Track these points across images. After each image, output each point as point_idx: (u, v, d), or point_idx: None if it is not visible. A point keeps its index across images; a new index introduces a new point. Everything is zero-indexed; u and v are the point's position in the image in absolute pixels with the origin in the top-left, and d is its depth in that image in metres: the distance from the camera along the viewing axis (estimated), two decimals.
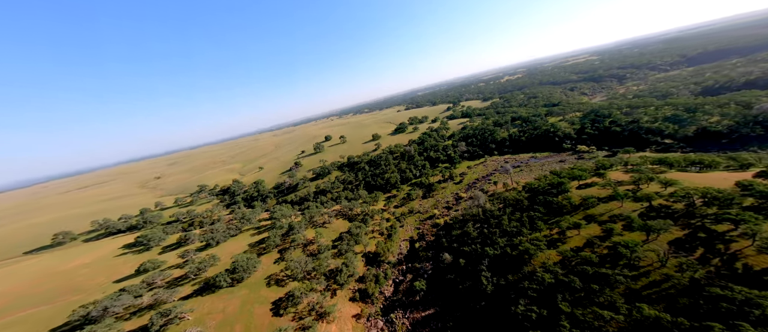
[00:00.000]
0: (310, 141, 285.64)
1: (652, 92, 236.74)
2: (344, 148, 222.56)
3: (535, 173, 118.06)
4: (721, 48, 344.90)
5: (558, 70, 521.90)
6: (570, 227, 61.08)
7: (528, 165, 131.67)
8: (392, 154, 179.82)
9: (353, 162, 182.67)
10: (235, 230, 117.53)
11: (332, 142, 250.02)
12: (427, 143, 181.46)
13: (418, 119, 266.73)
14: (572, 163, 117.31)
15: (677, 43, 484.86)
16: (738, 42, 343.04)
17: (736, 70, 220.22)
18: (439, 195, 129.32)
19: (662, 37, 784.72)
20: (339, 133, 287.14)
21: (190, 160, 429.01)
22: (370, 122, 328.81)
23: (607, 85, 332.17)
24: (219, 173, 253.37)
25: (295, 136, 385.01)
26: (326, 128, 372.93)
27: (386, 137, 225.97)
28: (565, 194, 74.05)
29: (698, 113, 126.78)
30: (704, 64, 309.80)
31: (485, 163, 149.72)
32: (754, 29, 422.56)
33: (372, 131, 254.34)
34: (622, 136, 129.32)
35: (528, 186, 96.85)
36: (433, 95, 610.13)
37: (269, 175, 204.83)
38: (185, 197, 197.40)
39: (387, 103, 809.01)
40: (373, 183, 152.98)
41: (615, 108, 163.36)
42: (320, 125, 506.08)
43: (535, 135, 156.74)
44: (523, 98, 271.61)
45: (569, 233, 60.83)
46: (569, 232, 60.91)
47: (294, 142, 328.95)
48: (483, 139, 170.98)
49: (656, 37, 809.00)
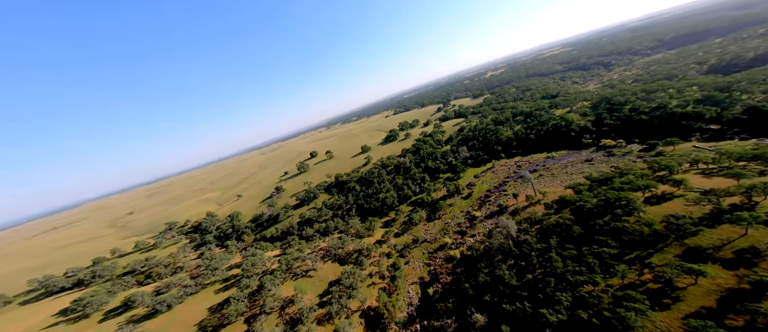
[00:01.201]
0: (296, 158, 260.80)
1: (653, 75, 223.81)
2: (331, 164, 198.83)
3: (561, 178, 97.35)
4: (693, 31, 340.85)
5: (538, 61, 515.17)
6: (680, 272, 39.15)
7: (546, 168, 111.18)
8: (385, 167, 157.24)
9: (342, 181, 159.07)
10: (197, 286, 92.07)
11: (318, 159, 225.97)
12: (423, 151, 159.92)
13: (409, 124, 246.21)
14: (603, 162, 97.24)
15: (644, 31, 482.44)
16: (705, 25, 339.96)
17: (743, 46, 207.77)
18: (446, 215, 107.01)
19: (625, 26, 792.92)
20: (326, 146, 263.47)
21: (170, 190, 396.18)
22: (358, 131, 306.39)
23: (595, 72, 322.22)
24: (194, 204, 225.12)
25: (281, 153, 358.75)
26: (313, 142, 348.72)
27: (376, 148, 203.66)
28: (635, 212, 52.70)
29: (734, 92, 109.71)
30: (687, 46, 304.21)
31: (494, 169, 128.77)
32: (713, 13, 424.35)
33: (361, 142, 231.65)
34: (651, 125, 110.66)
35: (563, 199, 75.62)
36: (421, 97, 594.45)
37: (248, 204, 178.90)
38: (149, 238, 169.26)
39: (375, 109, 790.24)
40: (367, 206, 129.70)
41: (629, 94, 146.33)
42: (308, 138, 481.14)
43: (545, 131, 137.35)
44: (516, 92, 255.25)
45: (680, 280, 39.03)
46: (679, 279, 39.10)
47: (279, 159, 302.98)
48: (486, 140, 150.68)
49: (620, 27, 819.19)
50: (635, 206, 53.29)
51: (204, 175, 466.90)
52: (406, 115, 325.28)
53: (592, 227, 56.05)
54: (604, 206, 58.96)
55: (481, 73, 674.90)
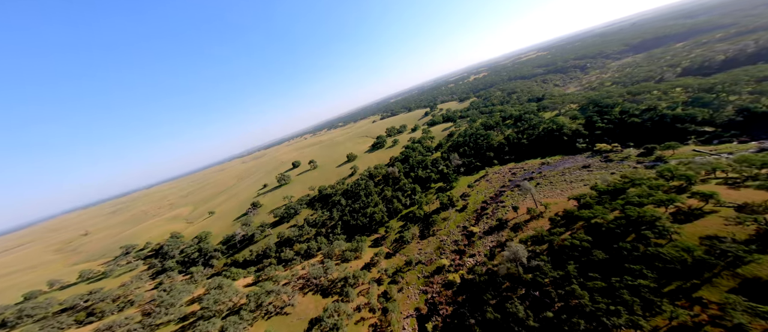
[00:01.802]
0: (278, 168, 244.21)
1: (630, 77, 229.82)
2: (315, 175, 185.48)
3: (560, 187, 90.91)
4: (656, 36, 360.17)
5: (518, 65, 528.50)
6: (751, 316, 31.23)
7: (543, 175, 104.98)
8: (373, 178, 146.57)
9: (326, 194, 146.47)
10: (145, 328, 76.66)
11: (301, 169, 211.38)
12: (412, 159, 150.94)
13: (396, 129, 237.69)
14: (602, 169, 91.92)
15: (611, 36, 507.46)
16: (664, 31, 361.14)
17: (710, 49, 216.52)
18: (441, 231, 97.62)
19: (592, 32, 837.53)
20: (310, 155, 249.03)
21: (136, 205, 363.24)
22: (343, 139, 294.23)
23: (573, 75, 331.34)
24: (159, 223, 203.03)
25: (263, 163, 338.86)
26: (296, 151, 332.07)
27: (363, 156, 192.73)
28: (668, 233, 45.28)
29: (721, 93, 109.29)
30: (653, 50, 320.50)
31: (488, 178, 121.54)
32: (668, 21, 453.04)
33: (347, 149, 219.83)
34: (644, 128, 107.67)
35: (571, 214, 68.28)
36: (407, 101, 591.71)
37: (221, 222, 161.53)
38: (101, 265, 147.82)
39: (361, 114, 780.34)
40: (353, 222, 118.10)
41: (616, 96, 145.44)
42: (292, 146, 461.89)
43: (537, 135, 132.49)
44: (502, 95, 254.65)
45: (754, 324, 31.06)
46: (753, 324, 31.13)
47: (260, 169, 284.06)
48: (477, 146, 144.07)
49: (588, 32, 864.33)
50: (666, 227, 45.89)
51: (178, 188, 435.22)
52: (393, 120, 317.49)
53: (616, 251, 48.17)
54: (626, 225, 51.43)
55: (465, 77, 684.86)
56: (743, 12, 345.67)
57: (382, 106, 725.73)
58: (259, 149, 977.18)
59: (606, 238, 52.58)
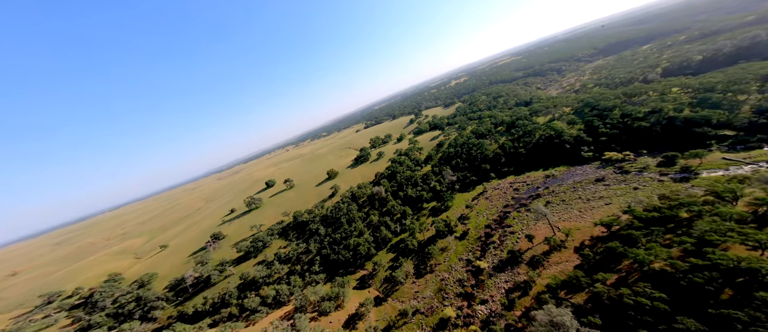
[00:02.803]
0: (251, 187, 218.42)
1: (610, 79, 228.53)
2: (291, 197, 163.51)
3: (576, 206, 77.13)
4: (619, 41, 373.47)
5: (496, 69, 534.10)
6: None
7: (551, 191, 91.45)
8: (356, 200, 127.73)
9: (302, 221, 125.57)
10: None
11: (275, 189, 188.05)
12: (399, 175, 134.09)
13: (381, 139, 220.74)
14: (622, 184, 79.33)
15: (575, 41, 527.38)
16: (626, 36, 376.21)
17: (684, 51, 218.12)
18: (440, 266, 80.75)
19: (556, 38, 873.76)
20: (287, 172, 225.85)
21: (86, 234, 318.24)
22: (326, 151, 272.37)
23: (551, 77, 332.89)
24: (103, 259, 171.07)
25: (237, 181, 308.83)
26: (274, 166, 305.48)
27: (345, 172, 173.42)
28: None
29: (728, 93, 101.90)
30: (621, 52, 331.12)
31: (487, 195, 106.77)
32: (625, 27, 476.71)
33: (328, 164, 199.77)
34: (653, 133, 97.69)
35: (608, 249, 53.53)
36: (391, 108, 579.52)
37: (175, 258, 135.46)
38: (11, 319, 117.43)
39: (346, 122, 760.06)
40: (334, 256, 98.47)
41: (613, 98, 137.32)
42: (272, 160, 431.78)
43: (535, 143, 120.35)
44: (487, 99, 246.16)
45: None
46: None
47: (233, 189, 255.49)
48: (470, 157, 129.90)
49: (553, 38, 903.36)
50: None
51: (143, 210, 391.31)
52: (377, 129, 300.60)
53: (718, 320, 32.87)
54: (723, 278, 36.46)
55: (446, 82, 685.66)
56: (690, 19, 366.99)
57: (367, 114, 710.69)
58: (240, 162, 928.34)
59: (687, 295, 37.57)
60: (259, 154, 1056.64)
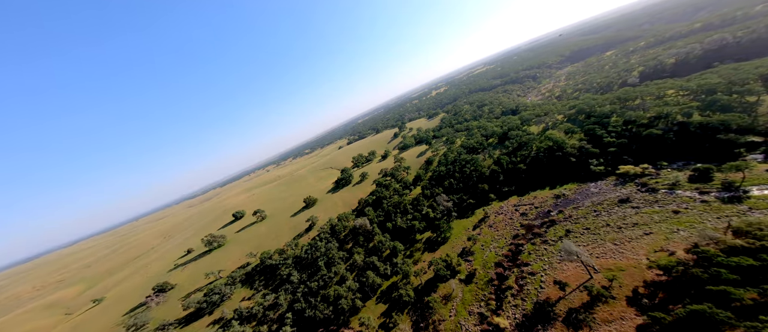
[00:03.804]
0: (219, 218, 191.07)
1: (586, 84, 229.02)
2: (261, 231, 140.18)
3: (607, 236, 62.57)
4: (581, 48, 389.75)
5: (474, 78, 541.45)
6: None
7: (567, 215, 77.08)
8: (337, 235, 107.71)
9: (271, 265, 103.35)
10: None
11: (244, 222, 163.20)
12: (387, 201, 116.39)
13: (365, 157, 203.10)
14: (653, 205, 66.15)
15: (541, 50, 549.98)
16: (586, 44, 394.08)
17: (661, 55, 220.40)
18: (446, 323, 63.29)
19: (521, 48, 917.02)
20: (261, 199, 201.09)
21: (13, 284, 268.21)
22: (306, 172, 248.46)
23: (529, 85, 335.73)
24: (25, 317, 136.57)
25: (204, 211, 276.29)
26: (247, 192, 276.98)
27: (325, 198, 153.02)
28: None
29: (734, 95, 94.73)
30: (587, 59, 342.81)
31: (489, 221, 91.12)
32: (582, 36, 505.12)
33: (307, 188, 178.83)
34: (667, 142, 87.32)
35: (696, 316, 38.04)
36: (374, 120, 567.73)
37: (107, 317, 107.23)
38: None
39: (329, 137, 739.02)
40: (311, 312, 77.47)
41: (608, 104, 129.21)
42: (248, 184, 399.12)
43: (536, 157, 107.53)
44: (471, 108, 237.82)
45: None
46: None
47: (197, 222, 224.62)
48: (464, 176, 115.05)
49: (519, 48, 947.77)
50: None
51: (89, 250, 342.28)
52: (360, 145, 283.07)
53: None
54: None
55: (427, 92, 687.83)
56: (636, 28, 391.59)
57: (350, 128, 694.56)
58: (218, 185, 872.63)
59: None
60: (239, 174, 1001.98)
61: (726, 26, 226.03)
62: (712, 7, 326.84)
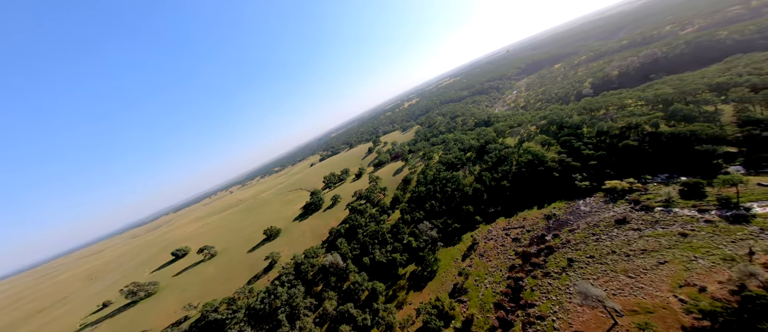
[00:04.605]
0: (154, 257, 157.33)
1: (546, 95, 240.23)
2: (208, 273, 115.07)
3: (616, 266, 55.18)
4: (535, 62, 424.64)
5: (443, 90, 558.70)
6: None
7: (564, 240, 69.76)
8: (302, 276, 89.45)
9: (216, 320, 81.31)
10: None
11: (188, 261, 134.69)
12: (362, 229, 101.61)
13: (338, 176, 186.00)
14: (650, 225, 61.03)
15: (498, 63, 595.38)
16: (538, 57, 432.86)
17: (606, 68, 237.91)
18: None
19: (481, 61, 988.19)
20: (214, 230, 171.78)
21: None
22: (272, 194, 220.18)
23: (494, 95, 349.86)
24: None
25: (144, 245, 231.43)
26: (200, 221, 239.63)
27: (291, 228, 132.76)
28: None
29: (691, 104, 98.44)
30: (540, 70, 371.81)
31: (480, 250, 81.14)
32: (532, 50, 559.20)
33: (270, 215, 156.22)
34: (644, 153, 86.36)
35: None
36: (348, 134, 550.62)
37: None
38: None
39: (303, 153, 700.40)
40: None
41: (576, 114, 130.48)
42: (205, 209, 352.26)
43: (518, 173, 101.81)
44: (445, 120, 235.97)
45: None
46: None
47: (131, 261, 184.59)
48: (446, 197, 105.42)
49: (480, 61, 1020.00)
50: None
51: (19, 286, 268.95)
52: (334, 162, 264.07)
53: None
54: None
55: (399, 104, 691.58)
56: (573, 44, 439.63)
57: (323, 143, 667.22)
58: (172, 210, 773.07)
59: None
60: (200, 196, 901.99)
61: (647, 43, 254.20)
62: (629, 28, 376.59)
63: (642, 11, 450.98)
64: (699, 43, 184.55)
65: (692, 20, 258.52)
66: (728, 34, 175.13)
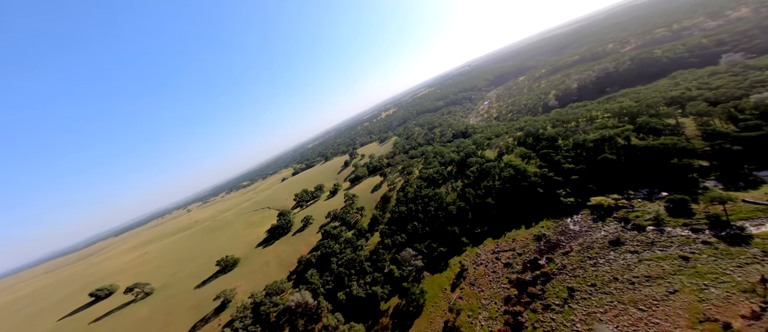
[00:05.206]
0: (76, 294, 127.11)
1: (516, 105, 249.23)
2: (141, 317, 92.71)
3: (625, 294, 49.86)
4: (501, 74, 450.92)
5: (419, 100, 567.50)
6: None
7: (560, 265, 64.34)
8: (260, 319, 73.97)
9: None
10: None
11: (114, 302, 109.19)
12: (337, 258, 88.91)
13: (310, 193, 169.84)
14: (647, 245, 57.75)
15: (469, 74, 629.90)
16: (504, 70, 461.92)
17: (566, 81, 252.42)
18: None
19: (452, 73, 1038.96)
20: (158, 260, 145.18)
21: None
22: (233, 215, 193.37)
23: (468, 106, 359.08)
24: None
25: (61, 281, 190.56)
26: (140, 249, 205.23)
27: (252, 256, 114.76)
28: None
29: (654, 117, 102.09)
30: (506, 83, 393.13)
31: (469, 278, 73.23)
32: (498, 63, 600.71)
33: (230, 240, 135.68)
34: (621, 166, 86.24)
35: None
36: (324, 145, 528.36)
37: None
38: None
39: (275, 165, 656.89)
40: None
41: (550, 126, 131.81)
42: (150, 233, 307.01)
43: (501, 189, 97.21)
44: (422, 130, 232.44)
45: None
46: None
47: (33, 305, 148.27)
48: (429, 217, 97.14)
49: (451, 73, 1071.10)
50: None
51: None
52: (307, 176, 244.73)
53: None
54: None
55: (377, 114, 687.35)
56: (534, 57, 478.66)
57: (298, 155, 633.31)
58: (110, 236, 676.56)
59: None
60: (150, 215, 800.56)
61: (595, 59, 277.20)
62: (574, 45, 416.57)
63: (582, 31, 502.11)
64: (641, 60, 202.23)
65: (628, 40, 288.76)
66: (662, 52, 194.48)
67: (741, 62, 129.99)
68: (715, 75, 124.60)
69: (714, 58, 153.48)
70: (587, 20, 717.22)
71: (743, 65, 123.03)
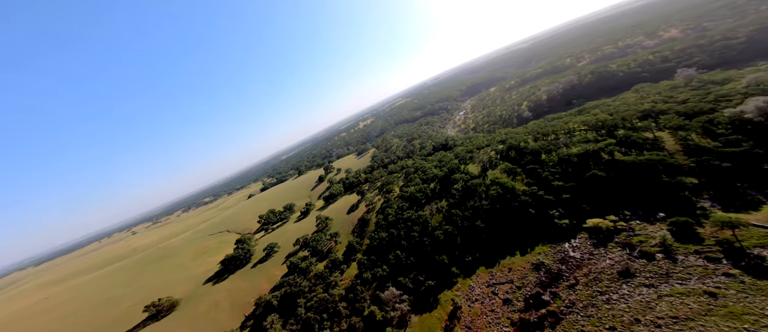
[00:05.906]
0: None
1: (491, 116, 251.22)
2: None
3: None
4: (474, 85, 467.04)
5: (396, 110, 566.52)
6: None
7: (568, 302, 55.87)
8: None
9: None
10: None
11: None
12: (305, 298, 73.53)
13: (278, 213, 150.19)
14: (659, 278, 51.27)
15: (444, 84, 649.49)
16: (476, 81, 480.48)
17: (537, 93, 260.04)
18: None
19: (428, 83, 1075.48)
20: (68, 306, 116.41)
21: None
22: (184, 241, 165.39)
23: (444, 116, 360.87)
24: None
25: None
26: (44, 290, 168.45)
27: (199, 295, 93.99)
28: None
29: (632, 131, 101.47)
30: (479, 93, 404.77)
31: (464, 319, 62.34)
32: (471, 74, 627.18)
33: (172, 274, 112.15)
34: (610, 183, 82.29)
35: None
36: (299, 157, 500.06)
37: None
38: None
39: (244, 178, 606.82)
40: None
41: (531, 139, 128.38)
42: (66, 269, 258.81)
43: (491, 210, 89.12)
44: (401, 142, 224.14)
45: None
46: None
47: None
48: (413, 244, 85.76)
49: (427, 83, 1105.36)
50: None
51: None
52: (277, 192, 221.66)
53: None
54: None
55: (354, 124, 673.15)
56: (501, 69, 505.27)
57: (270, 167, 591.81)
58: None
59: None
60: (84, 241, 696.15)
61: (557, 72, 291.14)
62: (536, 59, 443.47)
63: (540, 47, 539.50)
64: (600, 73, 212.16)
65: (582, 55, 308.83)
66: (617, 67, 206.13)
67: (696, 76, 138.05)
68: (676, 89, 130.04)
69: (664, 73, 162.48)
70: (543, 37, 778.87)
71: (700, 79, 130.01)
